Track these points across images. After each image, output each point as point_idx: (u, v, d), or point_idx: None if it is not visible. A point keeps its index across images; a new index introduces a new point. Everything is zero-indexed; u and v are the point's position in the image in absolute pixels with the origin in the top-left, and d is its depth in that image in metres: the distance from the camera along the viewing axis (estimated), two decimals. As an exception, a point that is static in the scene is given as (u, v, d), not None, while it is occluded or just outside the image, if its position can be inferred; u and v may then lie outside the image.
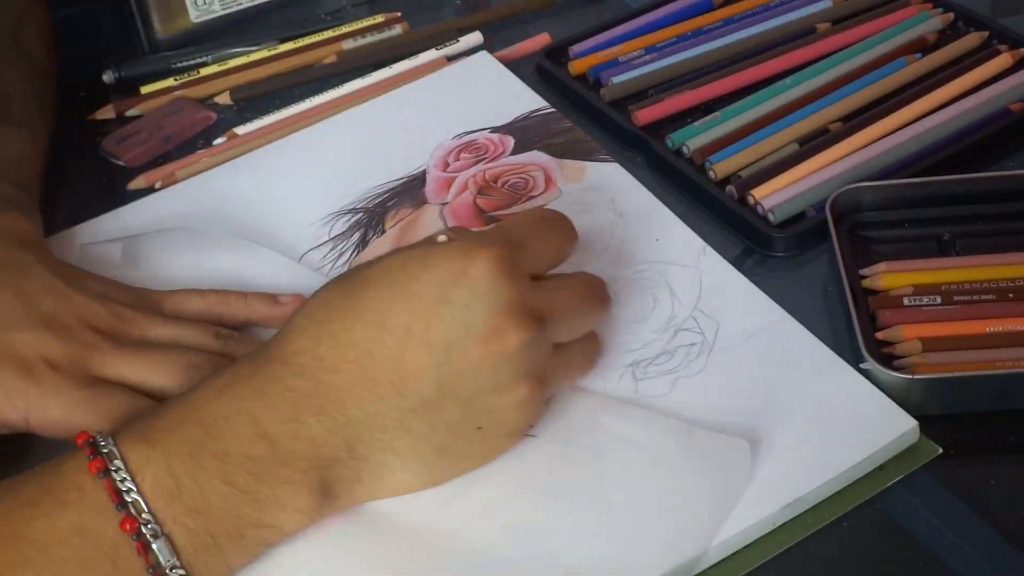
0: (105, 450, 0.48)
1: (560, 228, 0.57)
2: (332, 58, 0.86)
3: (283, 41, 0.87)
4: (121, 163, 0.79)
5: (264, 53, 0.86)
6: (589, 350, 0.58)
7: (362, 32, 0.87)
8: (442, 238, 0.53)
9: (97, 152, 0.81)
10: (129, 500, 0.47)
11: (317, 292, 0.53)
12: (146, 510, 0.47)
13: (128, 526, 0.47)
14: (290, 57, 0.86)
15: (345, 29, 0.87)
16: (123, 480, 0.48)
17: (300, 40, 0.87)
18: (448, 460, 0.52)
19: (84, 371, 0.57)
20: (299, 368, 0.50)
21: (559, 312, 0.53)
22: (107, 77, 0.87)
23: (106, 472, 0.48)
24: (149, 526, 0.47)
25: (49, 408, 0.56)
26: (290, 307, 0.62)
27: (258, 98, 0.84)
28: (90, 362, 0.57)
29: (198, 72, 0.85)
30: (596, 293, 0.57)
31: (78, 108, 0.84)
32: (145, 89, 0.85)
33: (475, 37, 0.84)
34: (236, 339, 0.61)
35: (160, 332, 0.60)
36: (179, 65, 0.87)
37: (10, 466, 0.56)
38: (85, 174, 0.79)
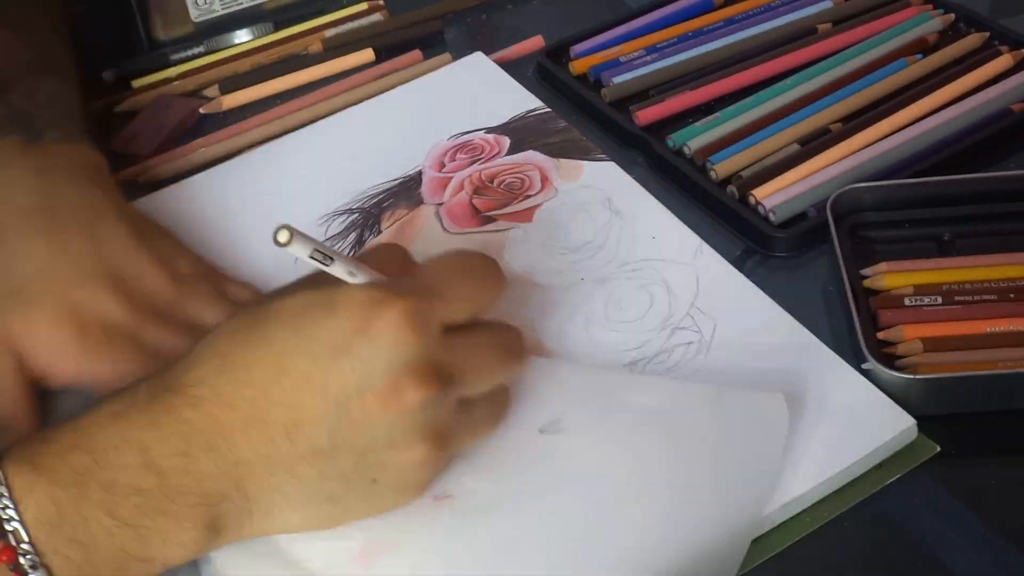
0: None
1: (486, 277, 0.54)
2: (317, 46, 0.87)
3: (278, 27, 0.89)
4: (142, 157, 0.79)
5: (255, 44, 0.87)
6: (497, 407, 0.55)
7: (343, 21, 0.89)
8: (357, 279, 0.50)
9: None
10: (9, 529, 0.46)
11: (226, 321, 0.52)
12: (26, 539, 0.46)
13: (5, 556, 0.45)
14: (275, 48, 0.87)
15: (328, 19, 0.89)
16: (4, 508, 0.46)
17: (283, 31, 0.88)
18: (339, 508, 0.51)
19: (135, 340, 0.58)
20: (195, 400, 0.48)
21: (468, 370, 0.51)
22: (107, 76, 0.87)
23: None
24: (28, 556, 0.45)
25: (97, 372, 0.57)
26: None
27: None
28: (141, 332, 0.58)
29: (192, 64, 0.86)
30: (511, 348, 0.54)
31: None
32: (137, 83, 0.85)
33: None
34: None
35: (211, 316, 0.60)
36: (176, 57, 0.87)
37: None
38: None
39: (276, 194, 0.73)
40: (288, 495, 0.49)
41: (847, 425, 0.55)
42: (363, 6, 0.89)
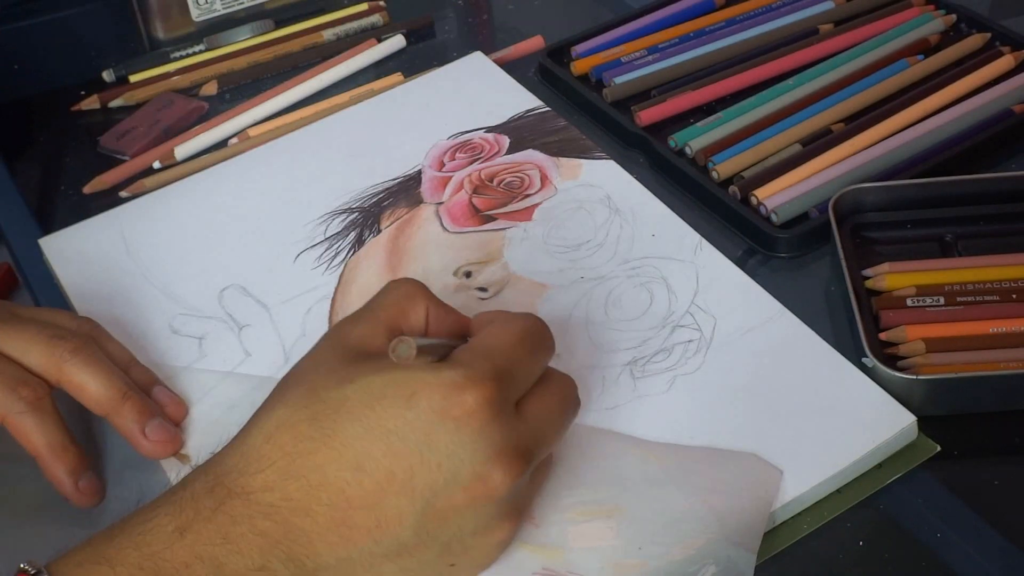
0: None
1: (544, 344, 0.51)
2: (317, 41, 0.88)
3: (279, 25, 0.90)
4: (126, 158, 0.79)
5: (253, 41, 0.88)
6: (552, 458, 0.54)
7: (344, 20, 0.89)
8: (410, 349, 0.46)
9: (96, 151, 0.81)
10: None
11: (275, 407, 0.48)
12: None
13: None
14: (274, 46, 0.87)
15: (328, 18, 0.89)
16: None
17: (283, 29, 0.89)
18: None
19: None
20: (267, 509, 0.45)
21: (543, 438, 0.49)
22: (107, 76, 0.86)
23: None
24: None
25: None
26: (160, 446, 0.57)
27: (245, 86, 0.85)
28: None
29: (190, 60, 0.87)
30: (570, 401, 0.52)
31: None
32: (134, 78, 0.86)
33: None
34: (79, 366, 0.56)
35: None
36: (176, 56, 0.87)
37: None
38: (84, 173, 0.79)
39: (276, 193, 0.73)
40: None
41: (848, 423, 0.55)
42: (363, 6, 0.90)
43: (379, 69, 0.85)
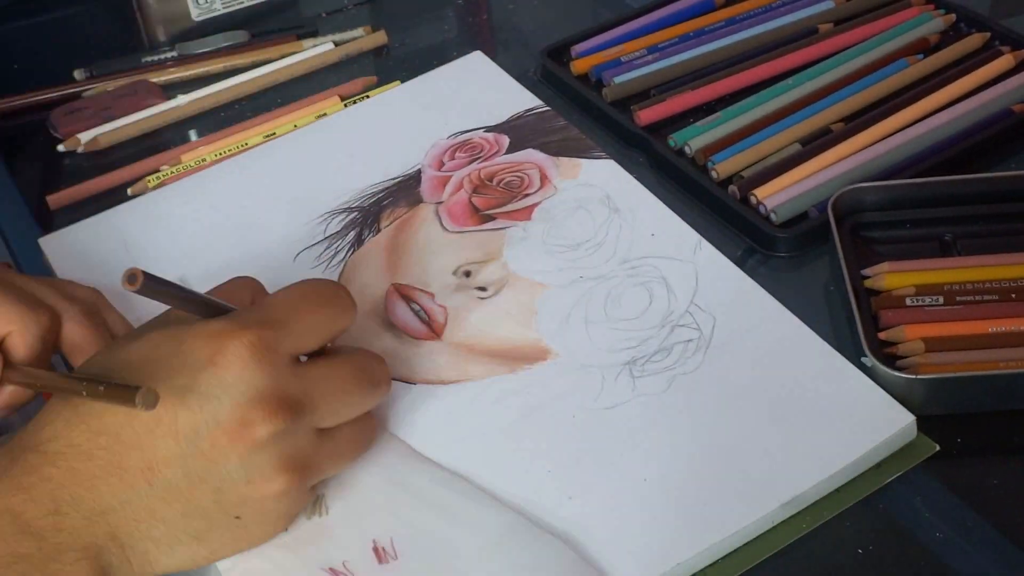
0: None
1: (333, 303, 0.53)
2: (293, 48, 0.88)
3: (254, 37, 0.90)
4: (58, 135, 0.81)
5: (227, 62, 0.87)
6: (360, 435, 0.55)
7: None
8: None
9: (96, 152, 0.81)
10: None
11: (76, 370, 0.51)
12: None
13: None
14: (249, 52, 0.88)
15: (312, 42, 0.88)
16: None
17: (259, 48, 0.88)
18: (207, 547, 0.50)
19: None
20: (53, 456, 0.48)
21: (320, 399, 0.51)
22: (78, 75, 0.87)
23: None
24: None
25: None
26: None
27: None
28: None
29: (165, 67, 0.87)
30: (369, 377, 0.54)
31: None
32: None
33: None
34: None
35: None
36: (149, 60, 0.87)
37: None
38: (84, 174, 0.79)
39: (275, 193, 0.73)
40: (156, 539, 0.49)
41: (847, 423, 0.55)
42: (359, 32, 0.89)
43: (380, 76, 0.85)
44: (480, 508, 0.54)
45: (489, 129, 0.75)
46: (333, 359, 0.53)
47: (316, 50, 0.87)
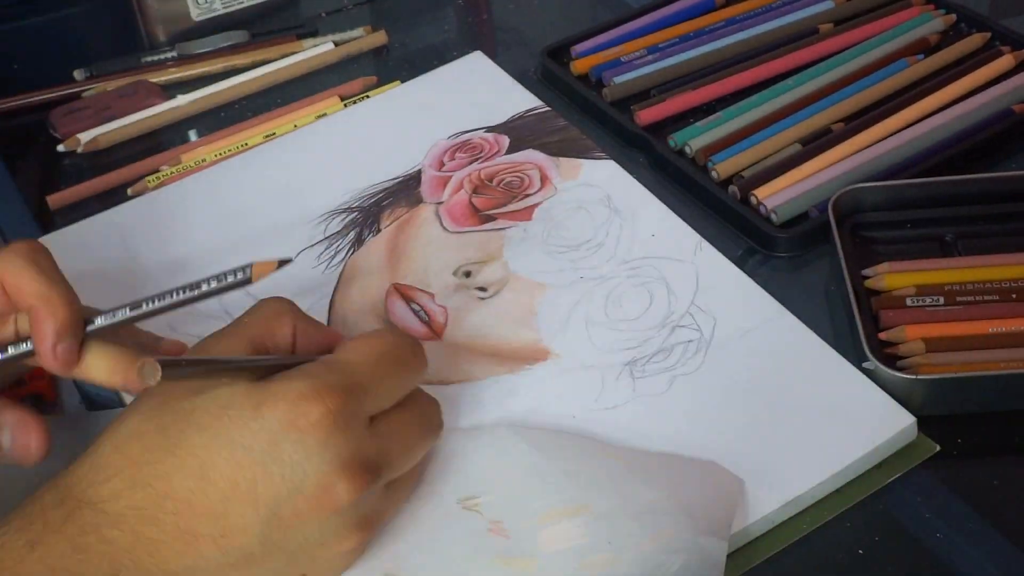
0: None
1: (411, 364, 0.52)
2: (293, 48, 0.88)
3: (254, 36, 0.89)
4: (58, 136, 0.81)
5: (227, 62, 0.87)
6: (409, 477, 0.53)
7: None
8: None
9: (96, 152, 0.81)
10: None
11: (128, 418, 0.48)
12: None
13: None
14: (249, 52, 0.88)
15: (312, 42, 0.88)
16: None
17: (259, 48, 0.88)
18: None
19: None
20: (115, 518, 0.46)
21: (395, 457, 0.50)
22: (78, 75, 0.87)
23: None
24: None
25: None
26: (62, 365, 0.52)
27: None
28: None
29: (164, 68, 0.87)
30: (429, 423, 0.53)
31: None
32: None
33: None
34: None
35: None
36: (149, 60, 0.87)
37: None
38: (84, 174, 0.79)
39: (275, 192, 0.73)
40: None
41: (847, 424, 0.55)
42: (359, 31, 0.89)
43: (380, 76, 0.85)
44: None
45: (489, 129, 0.75)
46: (401, 413, 0.51)
47: (316, 50, 0.87)
